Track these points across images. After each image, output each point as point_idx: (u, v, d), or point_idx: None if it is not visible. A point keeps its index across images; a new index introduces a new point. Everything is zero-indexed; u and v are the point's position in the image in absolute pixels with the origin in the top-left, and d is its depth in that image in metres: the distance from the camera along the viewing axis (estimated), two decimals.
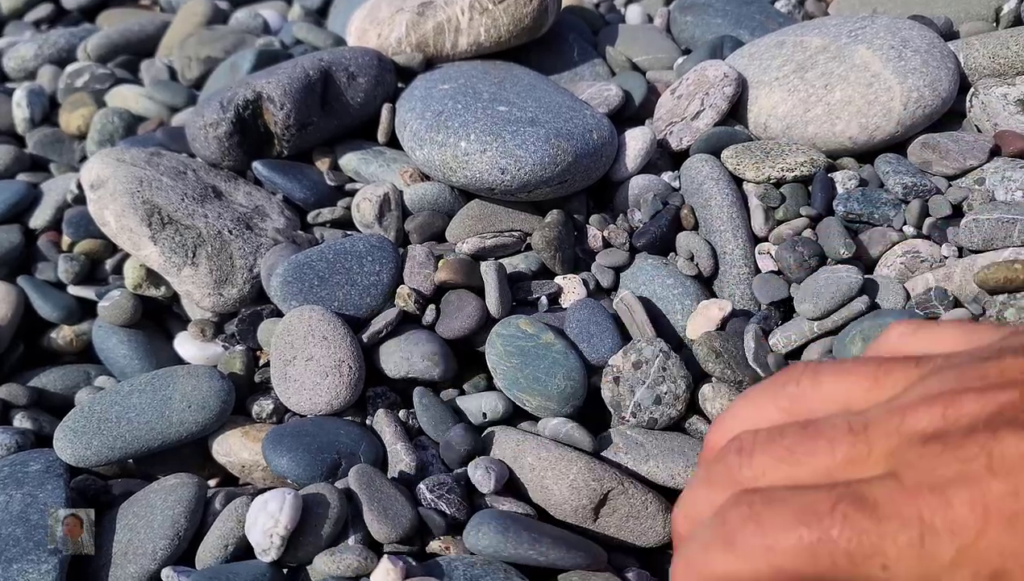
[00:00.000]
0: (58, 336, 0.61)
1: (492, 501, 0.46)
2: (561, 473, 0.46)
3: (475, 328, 0.53)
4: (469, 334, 0.53)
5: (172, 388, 0.51)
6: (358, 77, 0.65)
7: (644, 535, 0.46)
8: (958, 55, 0.66)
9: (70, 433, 0.50)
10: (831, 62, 0.64)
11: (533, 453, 0.47)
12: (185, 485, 0.47)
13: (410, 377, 0.52)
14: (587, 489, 0.45)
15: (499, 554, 0.42)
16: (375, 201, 0.60)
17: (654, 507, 0.46)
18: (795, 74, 0.64)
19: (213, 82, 0.75)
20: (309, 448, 0.48)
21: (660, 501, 0.46)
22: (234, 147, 0.63)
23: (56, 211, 0.66)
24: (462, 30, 0.67)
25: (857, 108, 0.61)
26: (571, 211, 0.60)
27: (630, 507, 0.46)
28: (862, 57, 0.63)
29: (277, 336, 0.53)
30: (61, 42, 0.86)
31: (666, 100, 0.65)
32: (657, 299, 0.56)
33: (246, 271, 0.58)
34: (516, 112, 0.58)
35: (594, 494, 0.45)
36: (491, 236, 0.58)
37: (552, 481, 0.46)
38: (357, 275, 0.55)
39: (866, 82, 0.62)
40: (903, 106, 0.61)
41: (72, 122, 0.75)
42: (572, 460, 0.46)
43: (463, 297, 0.54)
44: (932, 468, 0.26)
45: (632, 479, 0.46)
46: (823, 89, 0.63)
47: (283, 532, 0.42)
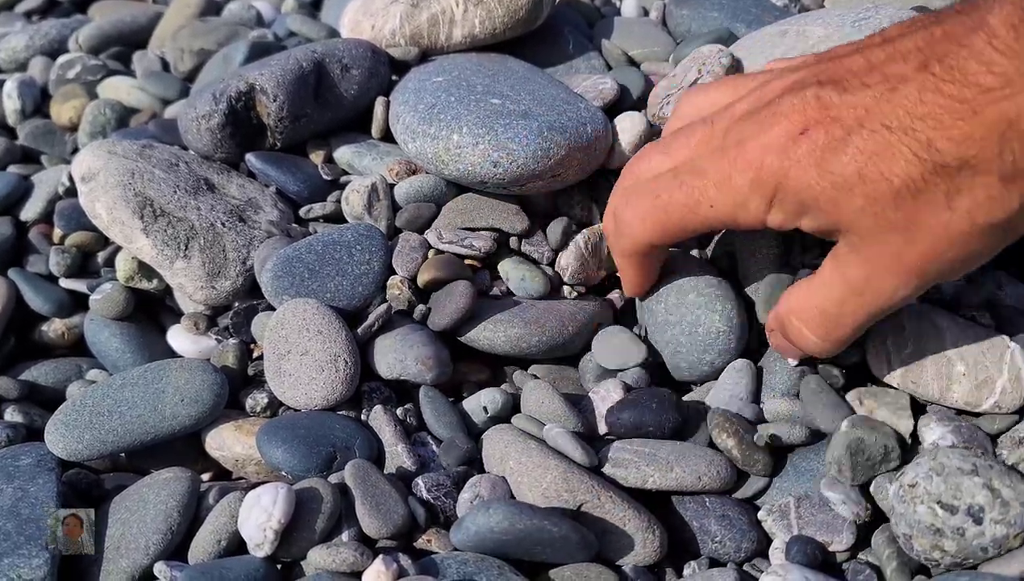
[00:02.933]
0: (49, 329, 0.61)
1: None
2: (535, 480, 0.45)
3: (467, 309, 0.52)
4: (462, 318, 0.52)
5: (165, 382, 0.51)
6: (352, 69, 0.65)
7: (619, 552, 0.44)
8: None
9: (62, 427, 0.49)
10: None
11: (515, 457, 0.46)
12: (178, 479, 0.47)
13: (402, 379, 0.52)
14: (559, 500, 0.44)
15: (513, 530, 0.41)
16: (363, 191, 0.59)
17: (632, 525, 0.44)
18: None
19: (206, 74, 0.75)
20: (304, 440, 0.48)
21: (641, 519, 0.44)
22: (227, 139, 0.63)
23: (47, 203, 0.66)
24: (456, 22, 0.67)
25: None
26: (562, 205, 0.60)
27: (606, 522, 0.44)
28: None
29: (270, 330, 0.53)
30: (52, 33, 0.86)
31: (662, 85, 0.65)
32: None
33: (239, 264, 0.58)
34: (509, 105, 0.58)
35: (566, 505, 0.44)
36: (448, 240, 0.56)
37: (527, 487, 0.45)
38: (347, 265, 0.55)
39: None
40: None
41: (64, 114, 0.75)
42: (548, 468, 0.45)
43: (451, 287, 0.54)
44: (740, 131, 0.42)
45: (613, 494, 0.44)
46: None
47: (276, 526, 0.42)
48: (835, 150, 0.38)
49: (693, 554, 0.46)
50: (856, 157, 0.37)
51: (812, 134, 0.38)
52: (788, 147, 0.39)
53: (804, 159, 0.39)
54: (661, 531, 0.44)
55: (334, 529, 0.45)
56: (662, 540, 0.44)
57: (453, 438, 0.49)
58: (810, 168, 0.38)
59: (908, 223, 0.37)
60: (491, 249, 0.57)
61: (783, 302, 0.46)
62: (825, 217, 0.40)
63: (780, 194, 0.40)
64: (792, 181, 0.39)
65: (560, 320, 0.54)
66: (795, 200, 0.40)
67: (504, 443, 0.47)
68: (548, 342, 0.53)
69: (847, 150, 0.37)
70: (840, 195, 0.38)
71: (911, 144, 0.36)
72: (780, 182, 0.40)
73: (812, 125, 0.39)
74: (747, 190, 0.41)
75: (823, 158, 0.38)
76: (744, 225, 0.43)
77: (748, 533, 0.46)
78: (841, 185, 0.38)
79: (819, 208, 0.39)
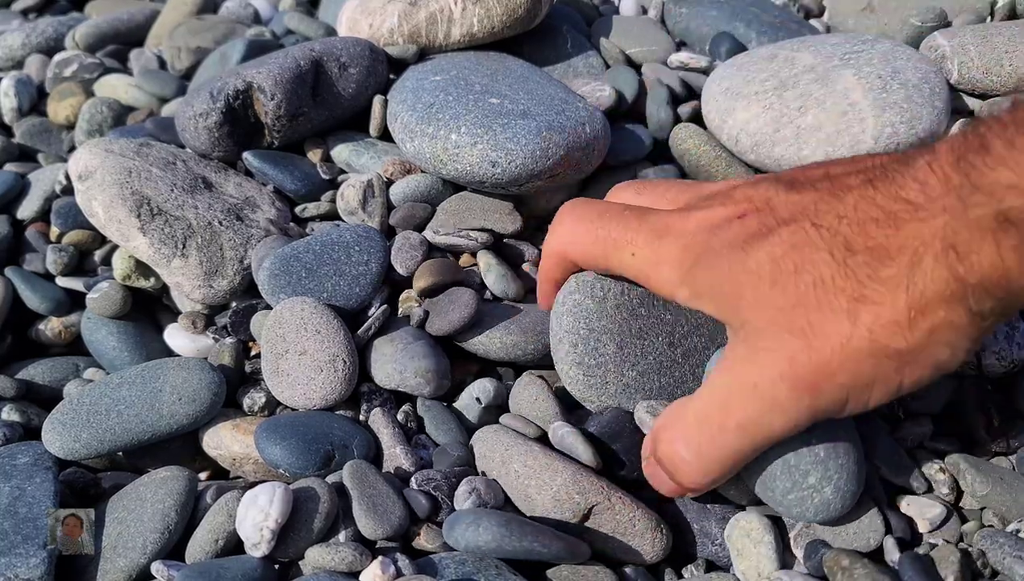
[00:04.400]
0: (47, 328, 0.61)
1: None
2: (545, 483, 0.44)
3: (471, 318, 0.52)
4: (464, 327, 0.52)
5: (162, 380, 0.51)
6: (350, 67, 0.65)
7: (628, 553, 0.44)
8: (951, 61, 0.65)
9: (59, 426, 0.49)
10: (813, 84, 0.61)
11: (520, 460, 0.45)
12: (175, 478, 0.47)
13: (400, 391, 0.51)
14: (570, 502, 0.44)
15: (502, 549, 0.41)
16: (359, 187, 0.59)
17: (642, 525, 0.44)
18: (775, 91, 0.62)
19: (203, 72, 0.74)
20: (303, 439, 0.47)
21: (650, 520, 0.44)
22: (224, 137, 0.63)
23: (44, 202, 0.66)
24: (455, 20, 0.67)
25: (826, 135, 0.59)
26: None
27: (615, 523, 0.44)
28: (846, 83, 0.60)
29: (268, 328, 0.52)
30: (49, 31, 0.85)
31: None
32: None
33: (236, 262, 0.58)
34: (508, 104, 0.58)
35: (577, 508, 0.44)
36: (445, 233, 0.56)
37: (535, 491, 0.45)
38: (345, 265, 0.55)
39: (841, 110, 0.59)
40: (874, 140, 0.58)
41: (60, 112, 0.75)
42: (558, 471, 0.44)
43: (454, 293, 0.53)
44: (697, 204, 0.43)
45: (622, 495, 0.44)
46: (796, 111, 0.60)
47: (273, 525, 0.42)
48: (760, 236, 0.38)
49: (691, 557, 0.46)
50: (777, 246, 0.37)
51: (746, 220, 0.39)
52: (720, 226, 0.39)
53: (729, 240, 0.39)
54: (668, 531, 0.45)
55: (331, 529, 0.44)
56: (669, 540, 0.44)
57: (446, 446, 0.49)
58: (732, 250, 0.38)
59: (808, 327, 0.36)
60: (489, 241, 0.57)
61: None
62: (728, 303, 0.39)
63: (694, 270, 0.40)
64: (709, 258, 0.39)
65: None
66: (706, 278, 0.39)
67: (504, 446, 0.47)
68: (543, 350, 0.52)
69: (771, 238, 0.37)
70: (748, 280, 0.38)
71: (831, 242, 0.36)
72: (699, 257, 0.39)
73: (750, 212, 0.39)
74: (670, 255, 0.41)
75: (747, 242, 0.38)
76: (655, 288, 0.43)
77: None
78: (753, 270, 0.37)
79: (725, 292, 0.39)
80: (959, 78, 0.65)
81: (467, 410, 0.52)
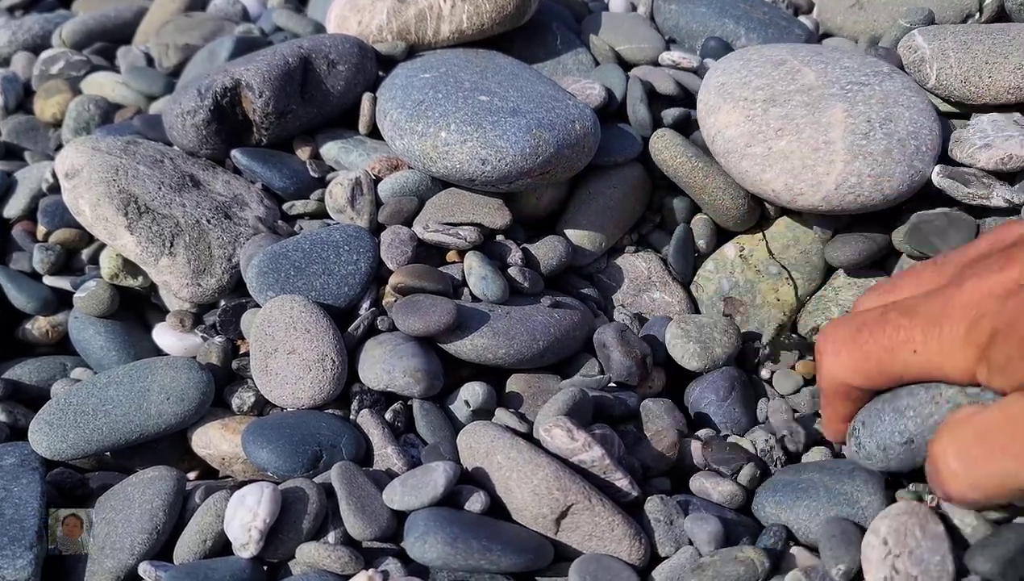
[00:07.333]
0: (33, 327, 0.61)
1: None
2: (525, 476, 0.44)
3: (448, 326, 0.51)
4: (439, 332, 0.51)
5: (150, 380, 0.50)
6: (338, 65, 0.64)
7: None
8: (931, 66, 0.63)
9: (46, 426, 0.49)
10: (801, 107, 0.59)
11: (504, 452, 0.45)
12: (164, 478, 0.47)
13: (389, 391, 0.51)
14: (549, 498, 0.43)
15: (448, 566, 0.41)
16: (347, 185, 0.59)
17: (620, 531, 0.43)
18: (763, 103, 0.59)
19: (191, 69, 0.74)
20: (290, 439, 0.47)
21: (629, 525, 0.43)
22: (212, 135, 0.62)
23: (31, 200, 0.65)
24: (444, 17, 0.66)
25: (791, 166, 0.56)
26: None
27: (594, 525, 0.43)
28: (831, 117, 0.58)
29: (257, 327, 0.52)
30: (36, 28, 0.85)
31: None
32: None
33: (225, 261, 0.57)
34: (497, 102, 0.58)
35: (556, 504, 0.43)
36: (434, 229, 0.56)
37: (516, 483, 0.44)
38: (334, 265, 0.55)
39: (815, 145, 0.56)
40: (835, 186, 0.55)
41: (47, 110, 0.74)
42: (540, 465, 0.44)
43: (435, 301, 0.52)
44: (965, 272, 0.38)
45: (603, 498, 0.44)
46: (774, 132, 0.58)
47: (261, 526, 0.42)
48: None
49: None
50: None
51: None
52: (1016, 292, 0.34)
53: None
54: (646, 540, 0.44)
55: (320, 530, 0.44)
56: (647, 548, 0.44)
57: (436, 444, 0.48)
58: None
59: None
60: (477, 240, 0.57)
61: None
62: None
63: (997, 344, 0.34)
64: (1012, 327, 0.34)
65: (531, 333, 0.53)
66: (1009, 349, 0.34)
67: (489, 438, 0.46)
68: (516, 355, 0.52)
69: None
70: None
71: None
72: (998, 329, 0.34)
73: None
74: (958, 336, 0.36)
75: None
76: (950, 378, 0.38)
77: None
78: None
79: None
80: (936, 84, 0.63)
81: (458, 411, 0.52)
